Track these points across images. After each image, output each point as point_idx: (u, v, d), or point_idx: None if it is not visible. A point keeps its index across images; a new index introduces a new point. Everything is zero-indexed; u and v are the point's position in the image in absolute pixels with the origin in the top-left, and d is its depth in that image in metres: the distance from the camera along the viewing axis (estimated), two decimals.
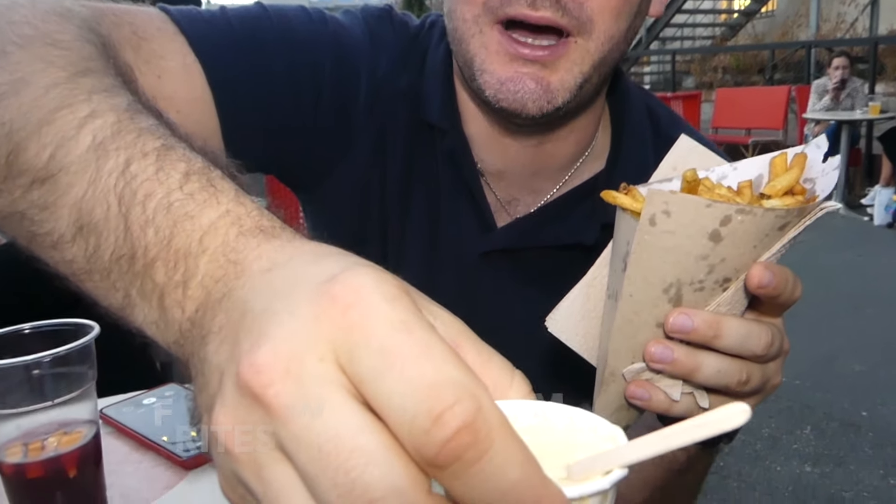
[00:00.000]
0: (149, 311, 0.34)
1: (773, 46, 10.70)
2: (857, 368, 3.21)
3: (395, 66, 0.74)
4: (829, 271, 4.69)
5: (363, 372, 0.24)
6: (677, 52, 11.72)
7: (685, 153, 0.57)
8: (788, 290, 0.47)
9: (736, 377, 0.47)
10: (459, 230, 0.75)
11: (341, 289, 0.25)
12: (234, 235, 0.32)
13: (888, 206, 5.80)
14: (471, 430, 0.22)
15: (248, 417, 0.25)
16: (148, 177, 0.35)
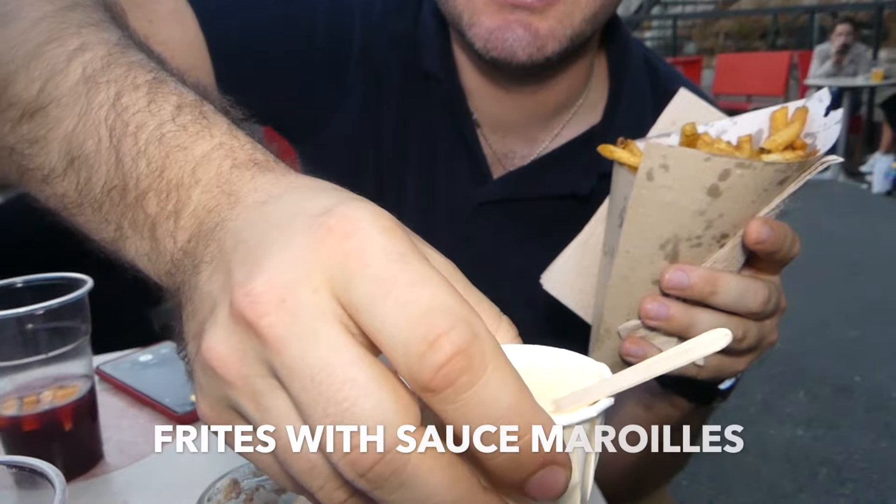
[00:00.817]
0: (140, 242, 0.34)
1: (775, 11, 10.57)
2: (851, 334, 3.23)
3: (391, 12, 0.73)
4: (826, 238, 4.70)
5: (359, 300, 0.24)
6: (679, 17, 11.57)
7: (684, 107, 0.56)
8: (787, 246, 0.47)
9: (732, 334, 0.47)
10: (455, 181, 0.75)
11: (337, 220, 0.25)
12: (227, 167, 0.32)
13: (888, 174, 5.79)
14: (465, 355, 0.23)
15: (242, 345, 0.25)
16: (139, 108, 0.35)
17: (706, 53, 10.49)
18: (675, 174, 0.44)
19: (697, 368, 0.49)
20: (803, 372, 2.90)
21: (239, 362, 0.26)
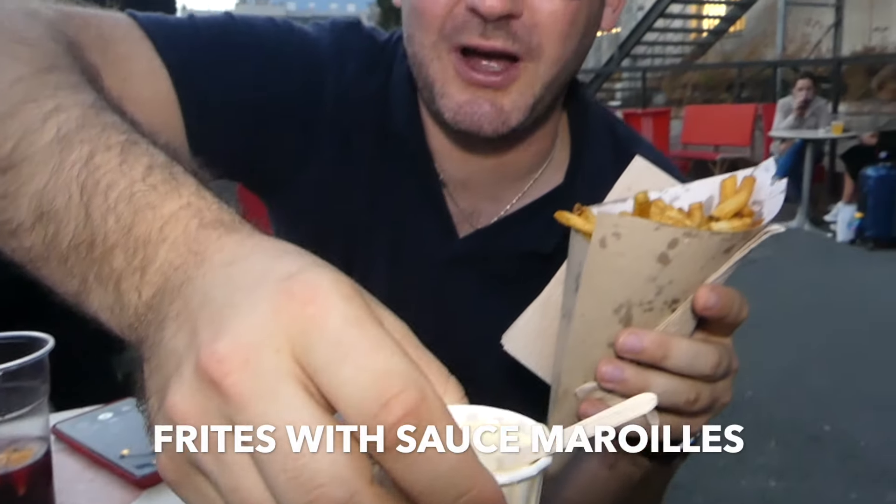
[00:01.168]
0: (104, 295, 0.35)
1: (740, 65, 10.90)
2: (819, 382, 3.26)
3: (362, 72, 0.75)
4: (794, 286, 4.78)
5: (318, 363, 0.26)
6: (648, 69, 11.90)
7: (639, 174, 0.58)
8: (735, 311, 0.48)
9: (685, 396, 0.48)
10: (423, 238, 0.76)
11: (300, 286, 0.27)
12: (195, 226, 0.33)
13: (850, 223, 5.93)
14: (415, 416, 0.24)
15: (206, 403, 0.27)
16: (111, 168, 0.36)
17: (675, 104, 10.75)
18: (626, 242, 0.45)
19: (654, 431, 0.50)
20: (774, 421, 2.92)
21: (201, 418, 0.27)
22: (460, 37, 0.63)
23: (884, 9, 10.59)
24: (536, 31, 0.63)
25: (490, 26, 0.62)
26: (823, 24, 10.73)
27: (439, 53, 0.65)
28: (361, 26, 0.79)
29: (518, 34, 0.63)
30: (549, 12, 0.63)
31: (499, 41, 0.63)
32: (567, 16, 0.63)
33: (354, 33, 0.78)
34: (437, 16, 0.64)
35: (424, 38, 0.66)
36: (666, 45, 13.95)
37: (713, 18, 13.59)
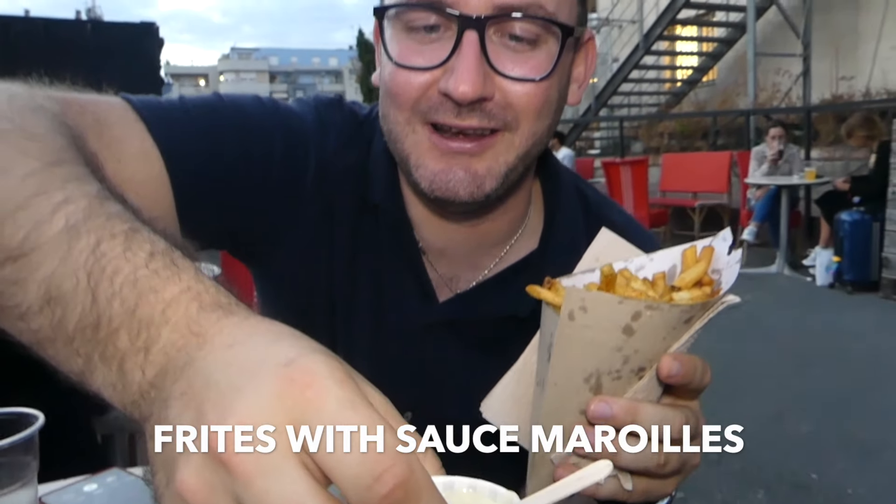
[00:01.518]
0: (108, 374, 0.37)
1: (714, 114, 11.18)
2: (804, 428, 3.27)
3: (343, 147, 0.79)
4: (775, 331, 4.82)
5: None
6: (624, 118, 12.15)
7: (606, 245, 0.61)
8: (697, 377, 0.51)
9: (655, 460, 0.50)
10: (403, 303, 0.79)
11: (299, 373, 0.30)
12: (195, 309, 0.36)
13: (828, 267, 6.01)
14: (404, 487, 0.28)
15: (213, 478, 0.30)
16: (116, 255, 0.39)
17: (652, 152, 10.95)
18: (592, 315, 0.48)
19: (627, 493, 0.52)
20: (761, 469, 2.91)
21: (209, 493, 0.30)
22: (435, 116, 0.67)
23: (848, 59, 10.96)
24: (511, 109, 0.66)
25: (464, 109, 0.65)
26: (792, 74, 11.06)
27: (413, 127, 0.68)
28: (343, 103, 0.83)
29: (492, 112, 0.66)
30: (521, 93, 0.65)
31: (473, 120, 0.66)
32: (539, 96, 0.66)
33: (336, 110, 0.81)
34: (412, 98, 0.67)
35: (399, 115, 0.69)
36: (641, 94, 14.28)
37: (686, 69, 13.96)
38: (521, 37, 0.65)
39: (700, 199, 8.45)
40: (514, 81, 0.65)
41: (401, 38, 0.67)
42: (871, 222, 5.73)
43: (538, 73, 0.65)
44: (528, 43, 0.65)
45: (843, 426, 3.27)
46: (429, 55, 0.65)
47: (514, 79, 0.65)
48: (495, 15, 0.63)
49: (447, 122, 0.66)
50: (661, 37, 12.32)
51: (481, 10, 0.62)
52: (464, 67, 0.63)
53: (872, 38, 10.75)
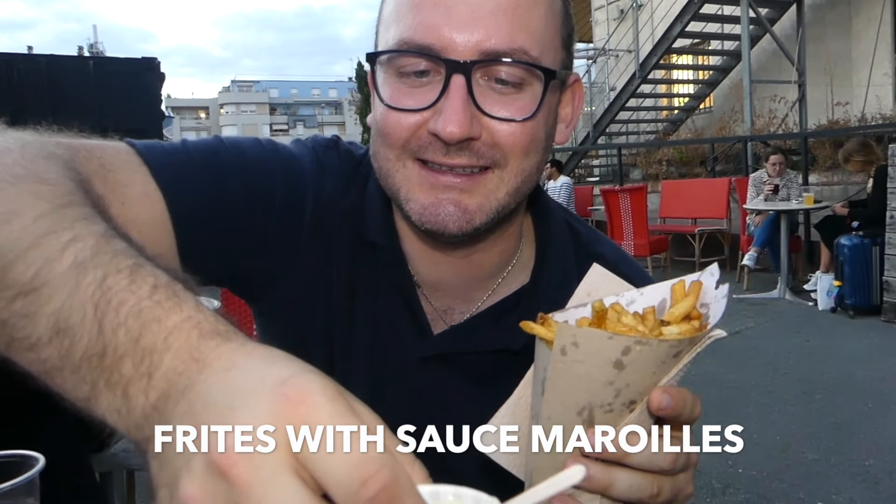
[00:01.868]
0: (113, 399, 0.39)
1: (712, 141, 11.26)
2: (810, 456, 3.24)
3: (340, 188, 0.81)
4: (778, 357, 4.80)
5: (309, 453, 0.32)
6: (623, 146, 12.25)
7: (598, 280, 0.63)
8: (687, 409, 0.52)
9: (648, 491, 0.51)
10: (399, 337, 0.81)
11: (293, 390, 0.33)
12: (195, 337, 0.38)
13: (829, 292, 6.01)
14: (388, 491, 0.31)
15: (214, 489, 0.32)
16: (121, 288, 0.41)
17: (651, 179, 11.01)
18: (584, 351, 0.49)
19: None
20: (767, 498, 2.89)
21: (208, 500, 0.32)
22: (424, 154, 0.69)
23: (842, 85, 11.08)
24: (498, 148, 0.69)
25: (452, 148, 0.68)
26: (788, 100, 11.17)
27: (403, 163, 0.71)
28: (340, 144, 0.85)
29: (480, 152, 0.68)
30: (508, 133, 0.68)
31: (462, 159, 0.68)
32: (525, 135, 0.69)
33: (333, 152, 0.83)
34: (402, 137, 0.70)
35: (389, 152, 0.71)
36: (639, 122, 14.41)
37: (683, 97, 14.10)
38: (506, 80, 0.68)
39: (700, 225, 8.48)
40: (500, 122, 0.68)
41: (392, 81, 0.70)
42: (870, 246, 5.74)
43: (523, 115, 0.68)
44: (513, 86, 0.68)
45: (850, 453, 3.24)
46: (419, 98, 0.68)
47: (499, 119, 0.68)
48: (481, 60, 0.66)
49: (436, 160, 0.69)
50: (657, 65, 12.46)
51: (468, 56, 0.66)
52: (451, 108, 0.65)
53: (865, 64, 10.89)
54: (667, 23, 11.80)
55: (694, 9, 11.17)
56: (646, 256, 7.58)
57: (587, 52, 16.13)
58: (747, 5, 10.61)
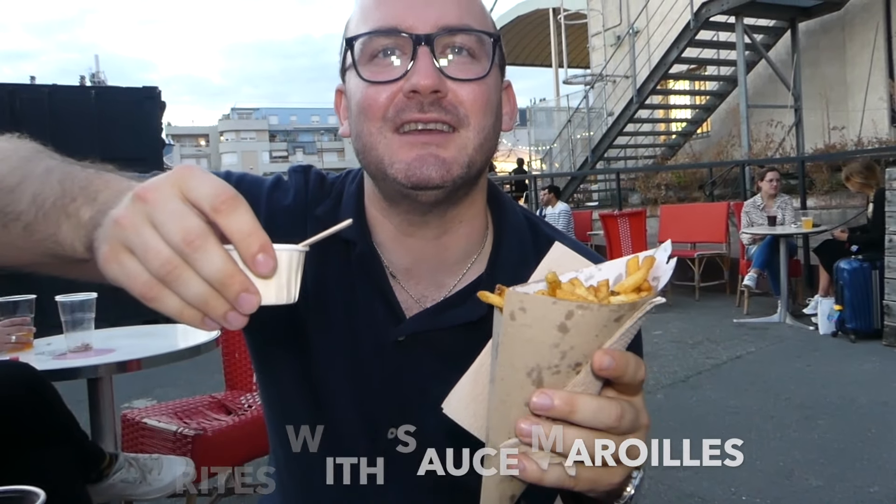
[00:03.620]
0: (69, 223, 0.60)
1: (710, 165, 11.32)
2: (814, 483, 3.21)
3: (311, 199, 0.93)
4: (780, 382, 4.78)
5: (189, 189, 0.51)
6: (621, 171, 12.32)
7: (557, 258, 0.68)
8: (630, 371, 0.54)
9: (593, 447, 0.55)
10: (375, 324, 0.89)
11: (181, 167, 0.53)
12: (124, 182, 0.62)
13: (830, 316, 6.00)
14: (231, 199, 0.50)
15: (135, 209, 0.51)
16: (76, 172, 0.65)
17: (650, 204, 11.06)
18: (531, 315, 0.53)
19: (572, 480, 0.55)
20: None
21: (132, 216, 0.51)
22: (402, 115, 0.79)
23: (838, 110, 11.18)
24: (462, 106, 0.81)
25: (426, 103, 0.79)
26: (785, 125, 11.25)
27: (384, 134, 0.81)
28: (310, 169, 0.99)
29: (448, 108, 0.80)
30: (467, 91, 0.81)
31: (434, 113, 0.79)
32: (481, 95, 0.82)
33: (300, 175, 0.97)
34: (382, 105, 0.80)
35: (371, 126, 0.81)
36: (637, 147, 14.50)
37: (680, 121, 14.20)
38: (461, 49, 0.82)
39: (699, 249, 8.49)
40: (461, 83, 0.80)
41: (366, 66, 0.82)
42: (870, 270, 5.74)
43: (478, 75, 0.82)
44: (467, 53, 0.82)
45: (854, 480, 3.21)
46: (391, 72, 0.80)
47: (460, 80, 0.80)
48: (440, 32, 0.80)
49: (412, 117, 0.79)
50: (654, 91, 12.57)
51: (429, 30, 0.80)
52: (422, 66, 0.78)
53: (860, 89, 10.99)
54: (663, 48, 11.93)
55: (690, 35, 11.30)
56: None
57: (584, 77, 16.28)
58: (742, 31, 10.73)
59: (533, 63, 23.20)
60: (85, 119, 7.48)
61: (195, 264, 0.49)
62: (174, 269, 0.49)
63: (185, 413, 2.82)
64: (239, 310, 0.50)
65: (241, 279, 0.50)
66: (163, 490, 2.24)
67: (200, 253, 0.49)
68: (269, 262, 0.50)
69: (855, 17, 11.17)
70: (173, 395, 3.90)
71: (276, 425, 0.97)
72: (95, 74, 30.40)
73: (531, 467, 0.55)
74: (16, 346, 2.35)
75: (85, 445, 2.18)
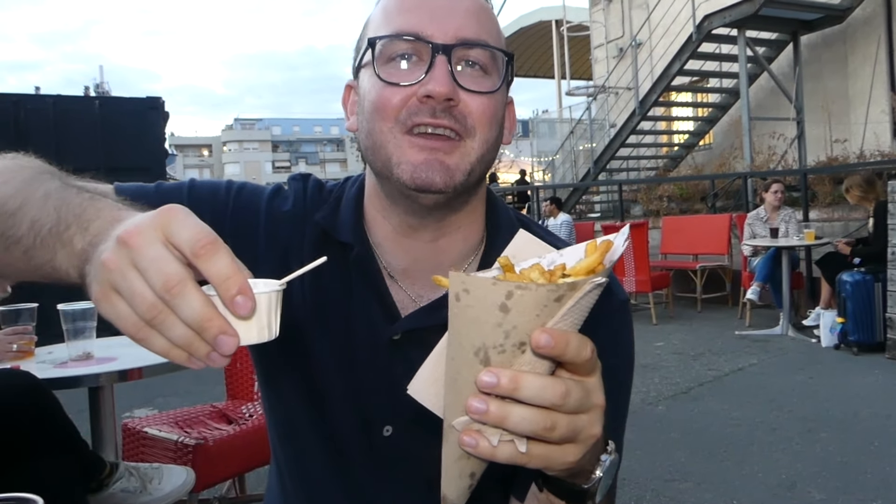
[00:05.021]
0: (63, 250, 0.63)
1: (712, 177, 11.33)
2: (817, 496, 3.20)
3: (309, 205, 0.96)
4: (782, 394, 4.76)
5: (171, 233, 0.53)
6: (623, 182, 12.32)
7: (523, 244, 0.70)
8: (571, 350, 0.55)
9: (541, 424, 0.56)
10: (371, 323, 0.91)
11: (165, 208, 0.55)
12: (115, 210, 0.64)
13: (832, 328, 5.98)
14: (210, 243, 0.52)
15: (119, 253, 0.53)
16: (71, 198, 0.67)
17: (652, 215, 11.05)
18: (474, 296, 0.54)
19: (524, 456, 0.57)
20: None
21: (117, 260, 0.53)
22: (414, 118, 0.82)
23: (841, 123, 11.19)
24: (471, 116, 0.84)
25: (438, 109, 0.82)
26: (787, 137, 11.27)
27: (395, 135, 0.84)
28: (309, 177, 1.02)
29: (457, 117, 0.83)
30: (477, 104, 0.84)
31: (445, 120, 0.83)
32: (489, 108, 0.85)
33: (299, 182, 1.00)
34: (396, 107, 0.83)
35: (383, 125, 0.84)
36: (640, 158, 14.52)
37: (682, 133, 14.23)
38: (475, 63, 0.85)
39: (701, 261, 8.49)
40: (472, 94, 0.84)
41: (384, 66, 0.85)
42: (872, 283, 5.73)
43: (489, 89, 0.85)
44: (480, 69, 0.85)
45: (857, 493, 3.20)
46: (408, 76, 0.83)
47: (472, 91, 0.84)
48: (458, 44, 0.83)
49: (424, 121, 0.82)
50: (656, 103, 12.60)
51: (448, 40, 0.83)
52: (439, 74, 0.81)
53: (862, 102, 11.01)
54: (666, 60, 11.97)
55: (692, 47, 11.34)
56: (648, 292, 7.58)
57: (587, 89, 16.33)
58: (745, 44, 10.77)
59: (536, 74, 23.30)
60: (89, 129, 7.51)
61: (176, 309, 0.52)
62: (158, 314, 0.52)
63: (186, 422, 2.82)
64: (218, 351, 0.53)
65: (219, 323, 0.52)
66: (163, 499, 2.23)
67: (179, 299, 0.51)
68: (248, 304, 0.52)
69: (857, 30, 11.20)
70: (174, 405, 3.90)
71: (276, 426, 1.00)
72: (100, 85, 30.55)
73: (483, 444, 0.56)
74: (17, 354, 2.36)
75: (86, 454, 2.17)
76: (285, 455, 0.99)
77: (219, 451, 2.54)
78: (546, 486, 0.72)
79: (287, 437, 0.98)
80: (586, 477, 0.67)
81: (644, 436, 3.97)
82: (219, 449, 2.54)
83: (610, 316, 0.89)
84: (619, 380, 0.91)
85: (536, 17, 19.81)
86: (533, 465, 0.58)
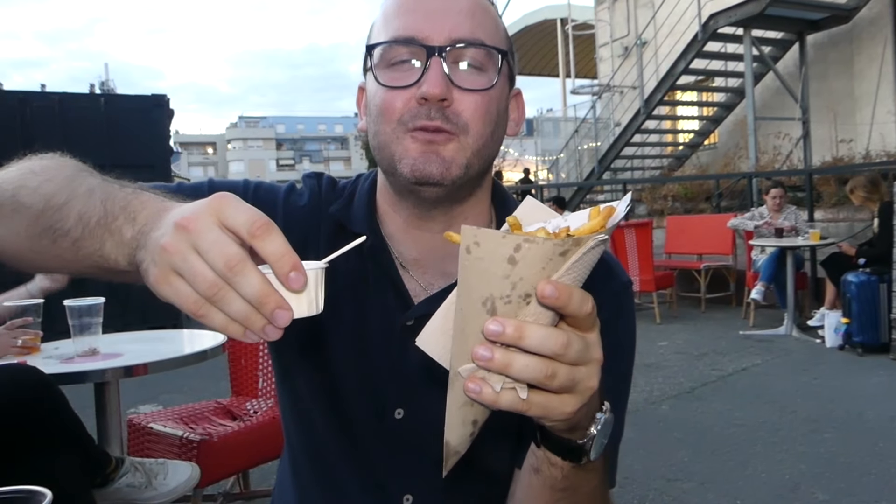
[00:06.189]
0: (112, 240, 0.66)
1: (717, 177, 11.30)
2: (820, 497, 3.19)
3: (324, 199, 1.01)
4: (786, 395, 4.76)
5: (226, 217, 0.57)
6: (628, 181, 12.31)
7: (529, 209, 0.75)
8: (574, 303, 0.57)
9: (542, 372, 0.58)
10: (386, 310, 0.96)
11: (217, 196, 0.59)
12: (160, 201, 0.67)
13: (837, 329, 5.97)
14: (265, 225, 0.56)
15: (179, 237, 0.56)
16: (115, 191, 0.71)
17: (656, 215, 11.03)
18: (483, 248, 0.57)
19: (525, 403, 0.59)
20: None
21: (177, 243, 0.56)
22: (413, 121, 0.87)
23: (846, 123, 11.16)
24: (464, 114, 0.88)
25: (433, 111, 0.86)
26: (793, 137, 11.24)
27: (398, 136, 0.89)
28: (322, 175, 1.06)
29: (450, 118, 0.87)
30: (470, 101, 0.88)
31: (438, 121, 0.87)
32: (482, 105, 0.89)
33: (313, 179, 1.05)
34: (398, 109, 0.88)
35: (388, 126, 0.89)
36: (644, 158, 14.49)
37: (687, 133, 14.20)
38: (470, 63, 0.88)
39: (705, 260, 8.47)
40: (466, 92, 0.88)
41: (385, 72, 0.90)
42: (877, 284, 5.71)
43: (483, 86, 0.89)
44: (475, 68, 0.89)
45: (861, 494, 3.19)
46: (407, 79, 0.88)
47: (466, 90, 0.88)
48: (452, 44, 0.87)
49: (421, 124, 0.87)
50: (661, 102, 12.59)
51: (442, 42, 0.87)
52: (433, 76, 0.85)
53: (868, 103, 10.98)
54: (671, 60, 11.95)
55: (697, 46, 11.32)
56: (651, 292, 7.57)
57: (592, 88, 16.32)
58: (750, 43, 10.75)
59: (540, 73, 23.26)
60: (94, 126, 7.53)
61: (236, 286, 0.56)
62: (219, 290, 0.56)
63: (191, 418, 2.83)
64: (274, 324, 0.57)
65: (276, 298, 0.56)
66: (168, 495, 2.24)
67: (240, 276, 0.55)
68: (301, 279, 0.57)
69: (863, 30, 11.17)
70: (179, 401, 3.91)
71: (293, 417, 1.03)
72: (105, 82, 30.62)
73: (486, 390, 0.58)
74: (22, 349, 2.37)
75: (91, 449, 2.19)
76: (302, 446, 1.02)
77: (223, 448, 2.55)
78: (544, 442, 0.74)
79: (304, 427, 1.01)
80: (582, 433, 0.70)
81: (647, 435, 3.97)
82: (223, 445, 2.55)
83: (614, 295, 0.94)
84: (620, 356, 0.94)
85: (541, 16, 19.78)
86: (532, 412, 0.60)
